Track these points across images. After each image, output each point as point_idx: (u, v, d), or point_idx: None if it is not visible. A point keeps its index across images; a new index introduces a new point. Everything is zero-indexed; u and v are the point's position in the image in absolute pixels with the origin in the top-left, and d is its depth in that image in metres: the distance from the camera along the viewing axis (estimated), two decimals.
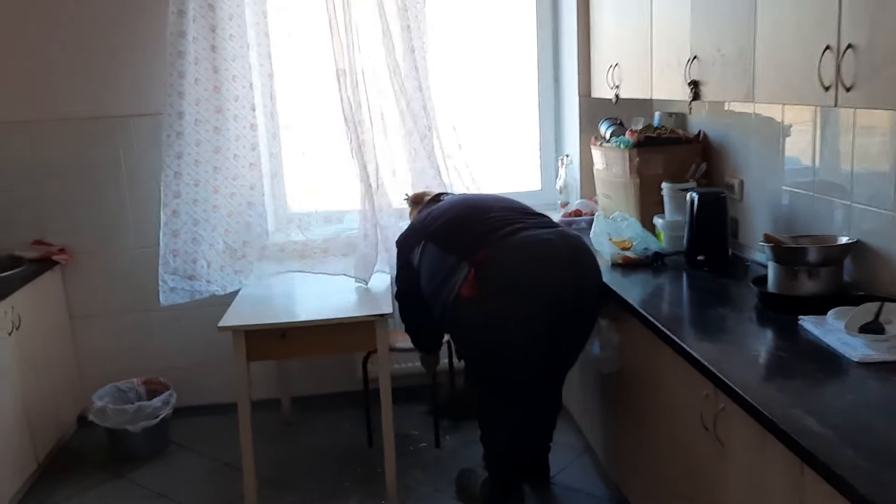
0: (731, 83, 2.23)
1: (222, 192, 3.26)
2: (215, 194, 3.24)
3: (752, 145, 2.75)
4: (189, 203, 3.20)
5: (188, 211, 3.20)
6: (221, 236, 3.29)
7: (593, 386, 2.96)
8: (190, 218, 3.20)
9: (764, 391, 1.68)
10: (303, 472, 3.20)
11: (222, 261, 3.28)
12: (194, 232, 3.21)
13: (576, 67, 3.53)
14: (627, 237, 2.91)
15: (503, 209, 2.68)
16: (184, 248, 3.19)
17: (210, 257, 3.26)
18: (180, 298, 3.19)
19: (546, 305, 2.47)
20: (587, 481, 3.01)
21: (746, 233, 2.81)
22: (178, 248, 3.19)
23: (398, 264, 2.88)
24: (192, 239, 3.20)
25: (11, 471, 2.95)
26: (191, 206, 3.21)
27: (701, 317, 2.30)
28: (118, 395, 3.44)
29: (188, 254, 3.20)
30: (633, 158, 3.03)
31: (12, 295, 3.00)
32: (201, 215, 3.22)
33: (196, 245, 3.21)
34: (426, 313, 2.73)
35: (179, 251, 3.19)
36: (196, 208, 3.22)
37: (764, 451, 1.64)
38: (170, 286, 3.17)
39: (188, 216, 3.20)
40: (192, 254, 3.20)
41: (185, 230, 3.19)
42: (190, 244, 3.20)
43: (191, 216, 3.21)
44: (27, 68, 3.37)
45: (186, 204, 3.20)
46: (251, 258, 3.33)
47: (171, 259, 3.19)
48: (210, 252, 3.26)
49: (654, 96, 2.81)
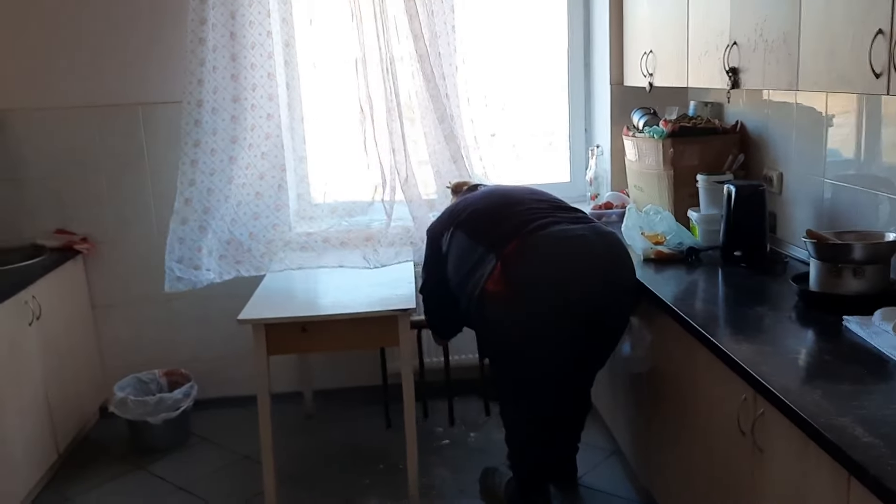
0: (774, 70, 2.11)
1: (235, 182, 3.21)
2: (229, 184, 3.19)
3: (793, 136, 2.62)
4: (203, 192, 3.15)
5: (201, 199, 3.15)
6: (228, 226, 3.23)
7: (623, 385, 2.86)
8: (201, 206, 3.15)
9: (807, 396, 1.58)
10: (323, 467, 3.15)
11: (223, 250, 3.21)
12: (203, 220, 3.15)
13: (608, 55, 3.42)
14: (660, 231, 2.81)
15: (536, 201, 2.59)
16: (190, 235, 3.14)
17: (212, 245, 3.20)
18: (184, 286, 3.14)
19: (575, 304, 2.37)
20: (615, 483, 2.92)
21: (785, 228, 2.70)
22: (185, 236, 3.13)
23: (426, 253, 2.80)
24: (199, 227, 3.14)
25: (32, 461, 2.94)
26: (204, 195, 3.15)
27: (738, 315, 2.19)
28: (139, 386, 3.42)
29: (193, 241, 3.14)
30: (667, 149, 2.92)
31: (33, 284, 2.98)
32: (213, 204, 3.17)
33: (202, 234, 3.15)
34: (451, 306, 2.65)
35: (185, 239, 3.13)
36: (210, 198, 3.17)
37: (806, 460, 1.54)
38: (176, 275, 3.12)
39: (200, 204, 3.15)
40: (197, 242, 3.14)
41: (193, 218, 3.14)
42: (196, 232, 3.14)
43: (202, 204, 3.15)
44: (50, 56, 3.34)
45: (200, 193, 3.15)
46: (256, 250, 3.25)
47: (178, 246, 3.13)
48: (213, 241, 3.20)
49: (689, 85, 2.69)
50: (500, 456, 3.00)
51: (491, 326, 2.50)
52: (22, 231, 3.42)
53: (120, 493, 3.03)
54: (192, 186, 3.13)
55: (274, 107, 3.23)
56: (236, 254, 3.20)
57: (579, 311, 2.38)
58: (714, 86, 2.47)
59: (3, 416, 2.74)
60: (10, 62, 3.32)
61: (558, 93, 3.76)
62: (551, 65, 3.73)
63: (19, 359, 2.89)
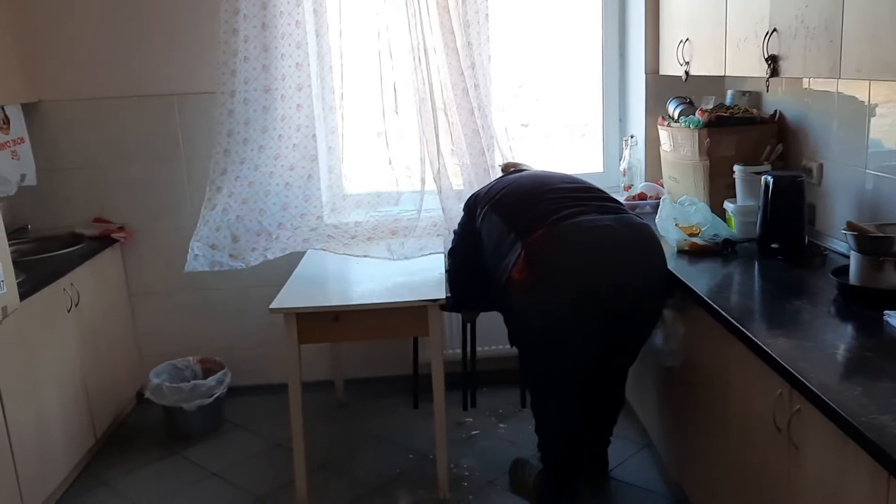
0: (815, 58, 2.06)
1: (262, 170, 3.22)
2: (255, 172, 3.20)
3: (834, 126, 2.56)
4: (231, 180, 3.17)
5: (229, 186, 3.17)
6: (257, 216, 3.23)
7: (656, 379, 2.83)
8: (228, 191, 3.17)
9: (845, 393, 1.54)
10: (354, 456, 3.16)
11: (254, 242, 3.22)
12: (227, 203, 3.17)
13: (643, 43, 3.37)
14: (695, 222, 2.76)
15: (569, 189, 2.55)
16: (213, 217, 3.16)
17: (237, 231, 3.20)
18: (200, 266, 3.15)
19: (598, 296, 2.35)
20: (646, 477, 2.89)
21: (825, 220, 2.63)
22: (210, 218, 3.16)
23: (461, 221, 2.81)
24: (222, 209, 3.17)
25: (71, 445, 3.00)
26: (232, 182, 3.17)
27: (774, 309, 2.14)
28: (174, 373, 3.47)
29: (214, 222, 3.16)
30: (704, 139, 2.87)
31: (72, 272, 3.04)
32: (237, 189, 3.18)
33: (224, 215, 3.16)
34: (473, 275, 2.69)
35: (209, 220, 3.16)
36: (237, 184, 3.18)
37: (845, 458, 1.50)
38: (195, 253, 3.14)
39: (227, 190, 3.17)
40: (217, 222, 3.16)
41: (220, 202, 3.16)
42: (220, 214, 3.16)
43: (229, 190, 3.17)
44: (86, 48, 3.39)
45: (229, 180, 3.17)
46: (283, 239, 3.26)
47: (202, 227, 3.16)
48: (237, 225, 3.20)
49: (727, 73, 2.63)
50: (531, 448, 3.00)
51: (516, 315, 2.49)
52: (61, 220, 3.48)
53: (155, 478, 3.08)
54: (224, 175, 3.16)
55: (304, 97, 3.23)
56: (266, 244, 3.20)
57: (603, 302, 2.36)
58: (752, 74, 2.41)
59: (43, 401, 2.80)
60: (48, 54, 3.37)
61: (592, 82, 3.71)
62: (585, 54, 3.68)
63: (58, 345, 2.94)
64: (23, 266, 2.84)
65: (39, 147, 3.42)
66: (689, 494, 2.56)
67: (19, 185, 3.29)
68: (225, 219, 3.17)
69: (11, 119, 3.25)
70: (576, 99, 3.74)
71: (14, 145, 3.26)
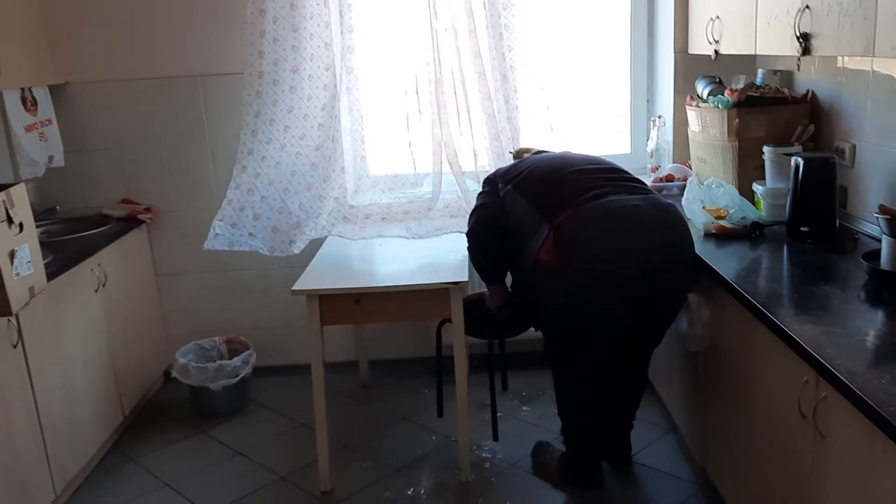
0: (848, 35, 1.99)
1: (287, 150, 3.21)
2: (281, 151, 3.20)
3: (868, 106, 2.48)
4: (258, 160, 3.17)
5: (255, 166, 3.18)
6: (281, 195, 3.23)
7: (681, 363, 2.79)
8: (254, 171, 3.17)
9: (874, 381, 1.50)
10: (378, 437, 3.18)
11: (276, 220, 3.22)
12: (252, 184, 3.17)
13: (672, 21, 3.31)
14: (723, 205, 2.71)
15: (594, 170, 2.52)
16: (237, 197, 3.17)
17: (259, 210, 3.20)
18: (219, 245, 3.16)
19: (630, 278, 2.31)
20: (670, 462, 2.87)
21: (857, 203, 2.57)
22: (233, 198, 3.17)
23: (481, 199, 2.70)
24: (247, 190, 3.17)
25: (99, 423, 3.05)
26: (259, 161, 3.18)
27: (802, 294, 2.09)
28: (200, 352, 3.50)
29: (238, 202, 3.17)
30: (733, 119, 2.80)
31: (99, 252, 3.07)
32: (264, 170, 3.19)
33: (249, 195, 3.17)
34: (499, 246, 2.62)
35: (233, 200, 3.17)
36: (263, 164, 3.19)
37: (872, 448, 1.47)
38: (215, 231, 3.16)
39: (253, 170, 3.17)
40: (241, 202, 3.17)
41: (245, 182, 3.17)
42: (245, 195, 3.17)
43: (255, 170, 3.18)
44: (112, 30, 3.40)
45: (255, 160, 3.17)
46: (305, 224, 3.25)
47: (226, 206, 3.17)
48: (261, 205, 3.20)
49: (757, 52, 2.57)
50: (555, 430, 2.99)
51: (543, 297, 2.47)
52: (88, 201, 3.52)
53: (181, 456, 3.12)
54: (250, 155, 3.17)
55: (330, 77, 3.22)
56: (287, 228, 3.20)
57: (632, 284, 2.32)
58: (784, 53, 2.34)
59: (72, 380, 2.85)
60: (75, 36, 3.39)
61: (620, 62, 3.64)
62: (613, 33, 3.62)
63: (86, 325, 2.98)
64: (51, 247, 2.88)
65: (67, 129, 3.44)
66: (712, 479, 2.53)
67: (47, 166, 3.32)
68: (250, 199, 3.18)
69: (39, 101, 3.28)
70: (604, 79, 3.68)
71: (42, 127, 3.29)
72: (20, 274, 2.31)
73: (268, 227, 3.19)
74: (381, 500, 2.75)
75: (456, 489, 2.78)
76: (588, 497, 2.69)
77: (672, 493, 2.69)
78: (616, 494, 2.71)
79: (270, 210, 3.21)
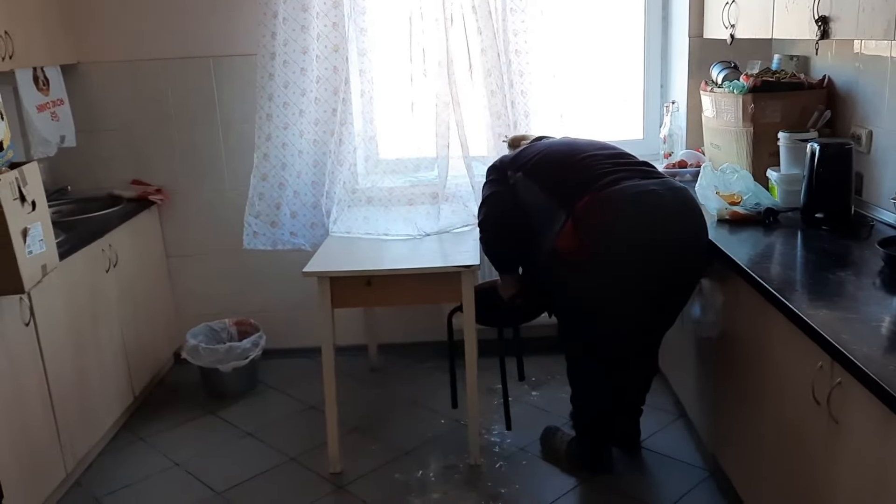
0: (868, 18, 1.97)
1: (306, 136, 3.21)
2: (300, 139, 3.20)
3: (886, 92, 2.46)
4: (279, 146, 3.18)
5: (277, 154, 3.18)
6: (308, 187, 3.24)
7: (692, 349, 2.79)
8: (279, 161, 3.18)
9: (890, 366, 1.49)
10: (387, 420, 3.19)
11: (312, 217, 3.23)
12: (281, 176, 3.19)
13: (687, 4, 3.27)
14: (737, 191, 2.69)
15: (606, 155, 2.50)
16: (269, 192, 3.18)
17: (295, 207, 3.22)
18: (261, 244, 3.19)
19: (649, 264, 2.31)
20: (680, 448, 2.86)
21: (873, 189, 2.54)
22: (265, 192, 3.18)
23: (489, 188, 2.67)
24: (278, 184, 3.18)
25: (110, 403, 3.07)
26: (280, 149, 3.19)
27: (817, 280, 2.08)
28: (210, 334, 3.51)
29: (273, 198, 3.18)
30: (748, 105, 2.78)
31: (110, 233, 3.08)
32: (289, 160, 3.20)
33: (281, 190, 3.19)
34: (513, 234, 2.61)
35: (265, 195, 3.18)
36: (285, 152, 3.19)
37: (887, 435, 1.46)
38: (253, 230, 3.17)
39: (277, 160, 3.18)
40: (276, 199, 3.18)
41: (273, 174, 3.18)
42: (276, 189, 3.18)
43: (280, 160, 3.18)
44: (123, 10, 3.39)
45: (276, 147, 3.17)
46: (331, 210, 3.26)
47: (257, 201, 3.18)
48: (295, 201, 3.23)
49: (774, 36, 2.54)
50: (564, 415, 2.99)
51: (562, 285, 2.46)
52: (100, 181, 3.53)
53: (191, 436, 3.14)
54: (269, 141, 3.17)
55: (340, 59, 3.20)
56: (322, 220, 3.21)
57: (652, 269, 2.32)
58: (802, 36, 2.32)
59: (84, 359, 2.86)
60: (86, 16, 3.38)
61: (633, 46, 3.61)
62: (627, 17, 3.58)
63: (97, 304, 2.99)
64: (63, 226, 2.89)
65: (79, 109, 3.45)
66: (723, 465, 2.53)
67: (59, 146, 3.33)
68: (284, 195, 3.19)
69: (51, 80, 3.28)
70: (617, 63, 3.65)
71: (54, 106, 3.29)
72: (33, 252, 2.31)
73: (306, 224, 3.21)
74: (390, 482, 2.75)
75: (465, 472, 2.79)
76: (597, 481, 2.69)
77: (681, 479, 2.69)
78: (625, 480, 2.71)
79: (304, 206, 3.24)
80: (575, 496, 2.64)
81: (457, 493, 2.67)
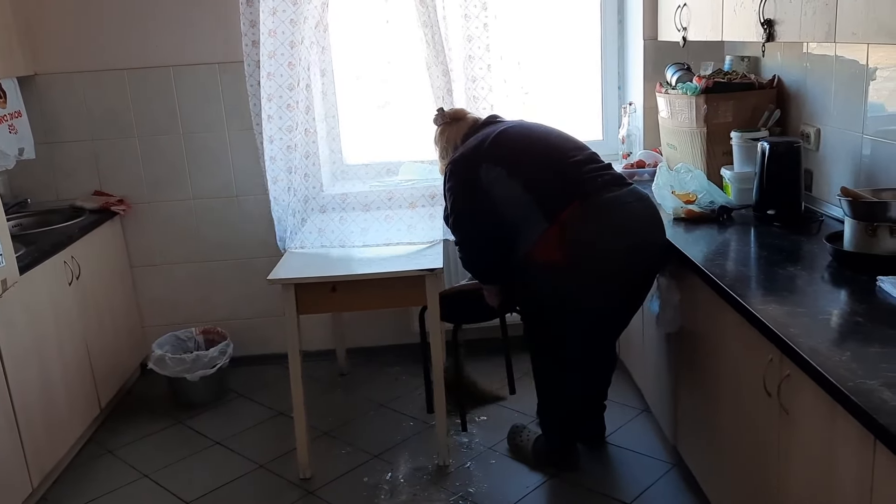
0: (811, 21, 2.04)
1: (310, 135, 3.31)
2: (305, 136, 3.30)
3: (832, 91, 2.54)
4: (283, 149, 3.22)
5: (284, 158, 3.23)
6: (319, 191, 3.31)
7: (653, 345, 2.85)
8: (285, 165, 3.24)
9: (834, 358, 1.55)
10: (356, 424, 3.20)
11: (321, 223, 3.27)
12: (289, 180, 3.25)
13: (641, 8, 3.34)
14: (691, 190, 2.76)
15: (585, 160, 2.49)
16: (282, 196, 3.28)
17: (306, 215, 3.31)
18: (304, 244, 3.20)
19: (624, 269, 2.43)
20: (644, 442, 2.92)
21: (822, 185, 2.63)
22: (277, 196, 3.27)
23: (455, 182, 2.55)
24: (287, 188, 3.26)
25: (76, 415, 3.04)
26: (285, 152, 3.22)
27: (768, 276, 2.14)
28: (177, 343, 3.50)
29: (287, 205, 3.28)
30: (701, 106, 2.85)
31: (72, 245, 3.05)
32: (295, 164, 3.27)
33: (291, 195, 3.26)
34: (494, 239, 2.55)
35: (279, 199, 3.27)
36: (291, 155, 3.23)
37: (833, 423, 1.52)
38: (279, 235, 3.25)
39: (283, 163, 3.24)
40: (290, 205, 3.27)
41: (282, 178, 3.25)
42: (286, 193, 3.26)
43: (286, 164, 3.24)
44: (83, 20, 3.36)
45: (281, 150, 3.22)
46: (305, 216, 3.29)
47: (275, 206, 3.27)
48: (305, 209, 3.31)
49: (724, 38, 2.62)
50: (531, 414, 3.03)
51: (541, 289, 2.50)
52: (61, 193, 3.50)
53: (160, 447, 3.12)
54: (272, 144, 3.19)
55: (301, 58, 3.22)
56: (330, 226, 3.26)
57: (627, 273, 2.44)
58: (749, 39, 2.39)
59: (47, 372, 2.84)
60: (45, 27, 3.35)
61: (591, 49, 3.67)
62: (584, 20, 3.65)
63: (60, 317, 2.97)
64: (23, 240, 2.87)
65: (37, 120, 3.42)
66: (685, 458, 2.59)
67: (18, 158, 3.29)
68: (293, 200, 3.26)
69: (7, 92, 3.24)
70: (575, 66, 3.71)
71: (11, 119, 3.26)
72: None
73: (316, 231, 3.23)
74: (360, 486, 2.77)
75: (434, 473, 2.82)
76: (564, 478, 2.74)
77: (646, 472, 2.74)
78: (591, 475, 2.75)
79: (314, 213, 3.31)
80: (542, 493, 2.69)
81: (426, 493, 2.70)
